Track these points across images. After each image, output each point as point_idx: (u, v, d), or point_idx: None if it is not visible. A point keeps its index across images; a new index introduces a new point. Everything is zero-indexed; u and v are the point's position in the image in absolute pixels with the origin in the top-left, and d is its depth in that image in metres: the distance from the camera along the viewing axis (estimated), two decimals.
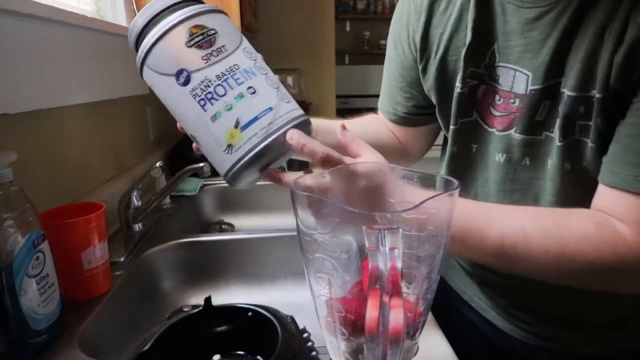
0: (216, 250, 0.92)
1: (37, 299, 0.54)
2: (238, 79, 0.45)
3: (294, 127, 0.46)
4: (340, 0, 4.31)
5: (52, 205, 0.69)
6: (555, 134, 0.54)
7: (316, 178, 0.45)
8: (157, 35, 0.46)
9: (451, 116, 0.64)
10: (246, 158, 0.45)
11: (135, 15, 0.48)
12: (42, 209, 0.61)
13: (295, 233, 0.44)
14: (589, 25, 0.50)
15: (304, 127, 0.47)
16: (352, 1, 4.51)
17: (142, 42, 0.47)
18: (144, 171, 1.04)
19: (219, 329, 0.52)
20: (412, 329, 0.43)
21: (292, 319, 0.50)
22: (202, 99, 0.45)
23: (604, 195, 0.51)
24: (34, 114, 0.76)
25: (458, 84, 0.61)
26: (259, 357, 0.52)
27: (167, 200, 1.17)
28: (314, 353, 0.47)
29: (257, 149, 0.44)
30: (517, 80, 0.56)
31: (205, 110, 0.45)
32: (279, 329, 0.46)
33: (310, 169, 0.52)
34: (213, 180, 1.34)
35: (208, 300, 0.52)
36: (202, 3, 0.50)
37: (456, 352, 0.56)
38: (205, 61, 0.45)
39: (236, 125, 0.44)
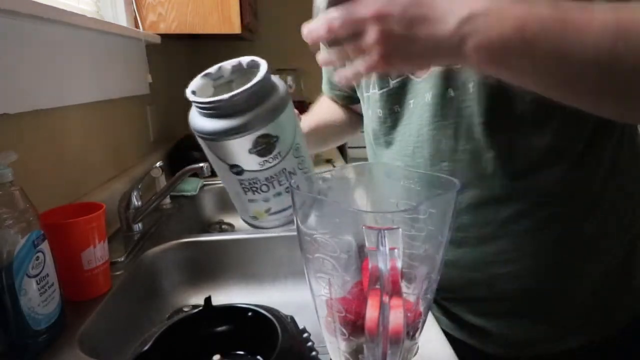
0: (216, 250, 0.92)
1: (37, 299, 0.54)
2: (281, 180, 0.52)
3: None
4: None
5: (52, 205, 0.69)
6: None
7: None
8: (226, 138, 0.48)
9: (375, 82, 0.65)
10: (264, 228, 0.55)
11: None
12: (42, 209, 0.61)
13: (295, 233, 0.44)
14: None
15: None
16: None
17: (215, 119, 0.48)
18: (144, 171, 1.04)
19: (219, 329, 0.52)
20: (412, 329, 0.43)
21: (292, 319, 0.50)
22: (247, 188, 0.51)
23: None
24: (34, 114, 0.76)
25: None
26: (259, 357, 0.52)
27: (167, 200, 1.17)
28: (314, 353, 0.47)
29: (275, 227, 0.54)
30: None
31: (245, 194, 0.52)
32: (279, 329, 0.46)
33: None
34: (213, 180, 1.34)
35: (208, 300, 0.52)
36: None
37: None
38: (260, 166, 0.50)
39: (266, 211, 0.53)
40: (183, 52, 1.95)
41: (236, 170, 0.50)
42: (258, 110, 0.47)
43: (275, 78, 0.52)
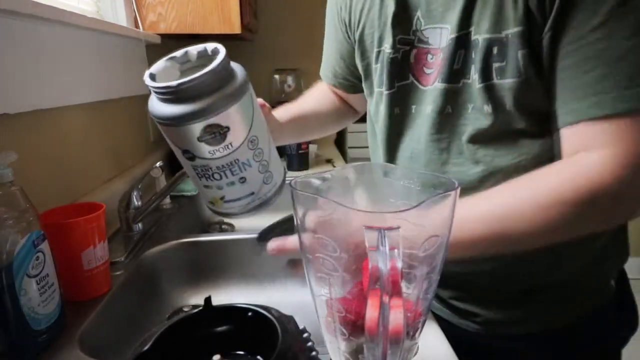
0: (216, 250, 0.92)
1: (37, 299, 0.54)
2: (234, 170, 0.51)
3: (264, 204, 0.56)
4: None
5: (52, 205, 0.69)
6: (473, 78, 0.59)
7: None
8: (175, 124, 0.48)
9: (385, 82, 0.69)
10: (223, 214, 0.55)
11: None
12: (42, 209, 0.61)
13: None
14: None
15: (276, 197, 0.57)
16: None
17: (166, 104, 0.48)
18: (144, 171, 1.04)
19: (219, 329, 0.52)
20: (412, 329, 0.43)
21: (292, 319, 0.50)
22: (200, 174, 0.51)
23: (569, 137, 0.53)
24: (34, 114, 0.76)
25: (389, 49, 0.67)
26: (259, 357, 0.52)
27: (167, 200, 1.17)
28: (314, 353, 0.47)
29: (231, 215, 0.55)
30: (442, 35, 0.61)
31: (199, 179, 0.52)
32: (279, 329, 0.46)
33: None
34: None
35: (208, 300, 0.52)
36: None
37: None
38: (211, 155, 0.49)
39: (221, 198, 0.53)
40: None
41: (188, 155, 0.50)
42: (208, 100, 0.47)
43: (236, 66, 0.52)
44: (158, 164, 1.05)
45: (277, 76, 2.22)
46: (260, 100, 0.59)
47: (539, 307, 0.68)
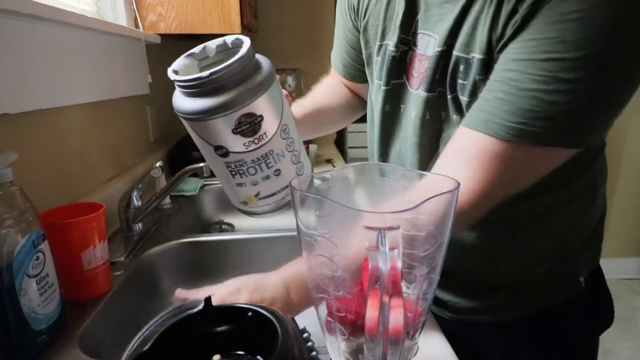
0: (216, 250, 0.92)
1: (37, 299, 0.54)
2: (269, 162, 0.51)
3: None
4: None
5: (52, 205, 0.69)
6: (446, 88, 0.62)
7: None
8: (209, 117, 0.47)
9: (383, 77, 0.71)
10: (254, 214, 0.54)
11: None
12: (42, 209, 0.61)
13: (295, 233, 0.44)
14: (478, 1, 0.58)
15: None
16: None
17: (195, 98, 0.47)
18: (144, 171, 1.04)
19: (219, 329, 0.52)
20: (412, 329, 0.43)
21: (292, 319, 0.50)
22: (234, 171, 0.50)
23: (456, 136, 0.58)
24: (34, 114, 0.76)
25: (392, 47, 0.68)
26: (259, 357, 0.52)
27: (167, 200, 1.17)
28: (314, 353, 0.47)
29: (265, 214, 0.54)
30: (430, 44, 0.64)
31: (233, 177, 0.51)
32: (279, 329, 0.46)
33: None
34: (213, 180, 1.34)
35: (208, 300, 0.52)
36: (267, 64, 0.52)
37: None
38: (246, 147, 0.49)
39: (256, 195, 0.52)
40: (183, 52, 1.95)
41: (221, 152, 0.49)
42: (240, 89, 0.46)
43: (260, 57, 0.51)
44: (158, 164, 1.05)
45: (277, 76, 2.22)
46: (283, 92, 0.60)
47: (506, 299, 0.71)
